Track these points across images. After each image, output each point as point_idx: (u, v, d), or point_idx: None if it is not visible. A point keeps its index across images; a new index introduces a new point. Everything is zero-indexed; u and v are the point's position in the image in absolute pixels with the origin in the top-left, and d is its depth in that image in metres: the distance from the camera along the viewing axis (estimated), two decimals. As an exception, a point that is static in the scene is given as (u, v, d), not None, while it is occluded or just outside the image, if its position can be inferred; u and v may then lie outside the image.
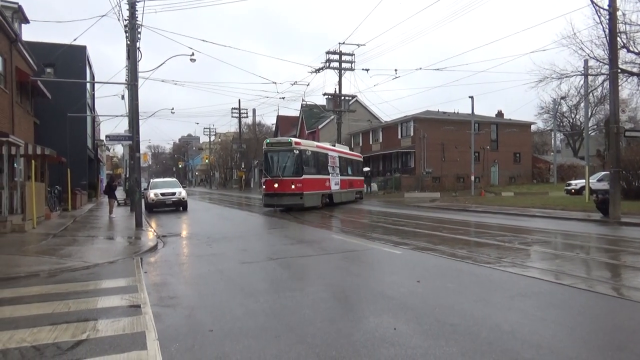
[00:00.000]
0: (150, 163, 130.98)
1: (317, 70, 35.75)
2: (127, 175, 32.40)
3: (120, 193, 33.97)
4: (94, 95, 38.71)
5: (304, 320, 5.44)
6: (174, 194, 24.50)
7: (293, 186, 21.87)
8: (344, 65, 36.43)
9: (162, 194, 24.30)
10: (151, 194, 24.31)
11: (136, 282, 7.69)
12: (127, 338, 4.92)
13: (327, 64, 36.02)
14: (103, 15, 18.14)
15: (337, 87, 37.52)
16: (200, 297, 6.68)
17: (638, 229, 14.46)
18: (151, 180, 30.86)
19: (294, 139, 23.72)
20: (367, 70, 34.97)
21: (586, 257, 9.91)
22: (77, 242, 12.48)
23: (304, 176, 22.52)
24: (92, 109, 38.61)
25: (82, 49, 31.55)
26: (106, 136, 21.31)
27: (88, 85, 34.14)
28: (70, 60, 29.02)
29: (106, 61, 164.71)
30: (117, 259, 9.98)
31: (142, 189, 21.76)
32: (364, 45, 36.31)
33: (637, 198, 23.09)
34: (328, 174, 26.03)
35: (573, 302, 6.10)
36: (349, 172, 30.94)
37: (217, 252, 10.84)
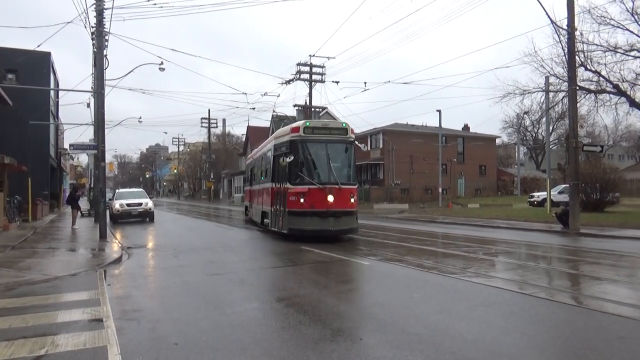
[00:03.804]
0: (116, 173, 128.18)
1: (288, 82, 35.89)
2: (92, 185, 31.57)
3: (84, 203, 33.04)
4: (58, 102, 37.67)
5: (270, 332, 5.42)
6: (140, 204, 24.01)
7: (352, 200, 14.56)
8: (314, 77, 36.70)
9: (128, 205, 23.78)
10: (116, 204, 23.77)
11: (99, 295, 7.50)
12: (88, 353, 4.79)
13: (298, 75, 36.22)
14: (69, 22, 17.72)
15: (308, 99, 37.73)
16: (165, 310, 6.56)
17: (596, 239, 15.02)
18: (117, 191, 30.18)
19: (348, 125, 15.25)
20: (337, 82, 35.23)
21: (547, 267, 10.23)
22: (37, 254, 12.05)
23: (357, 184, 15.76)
24: (56, 116, 37.52)
25: (47, 55, 30.72)
26: (70, 145, 20.71)
27: (52, 92, 33.21)
28: (34, 67, 28.18)
29: (72, 69, 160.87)
30: (79, 271, 9.69)
31: (107, 200, 21.24)
32: (333, 58, 36.63)
33: (595, 210, 24.03)
34: None
35: (534, 311, 6.28)
36: None
37: (184, 264, 10.68)
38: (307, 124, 14.88)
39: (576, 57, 18.20)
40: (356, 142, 15.47)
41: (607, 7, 29.97)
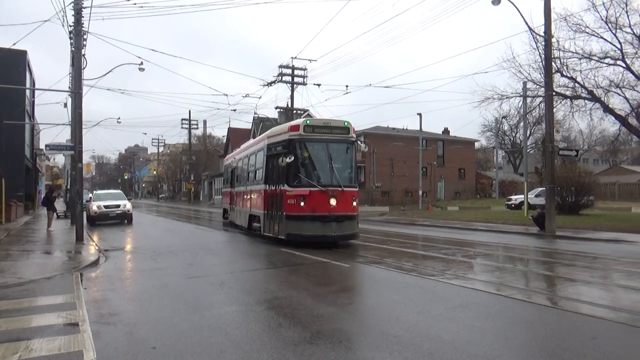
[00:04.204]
0: (93, 174, 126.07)
1: (269, 84, 35.80)
2: (69, 187, 31.00)
3: (60, 205, 32.43)
4: (34, 102, 36.91)
5: (250, 335, 5.39)
6: (118, 206, 23.66)
7: (354, 203, 13.93)
8: (296, 79, 36.70)
9: (106, 206, 23.42)
10: (94, 206, 23.38)
11: (75, 298, 7.36)
12: (63, 358, 4.71)
13: (280, 77, 36.17)
14: (46, 20, 17.37)
15: (290, 101, 37.70)
16: (143, 313, 6.48)
17: (571, 241, 15.35)
18: (94, 192, 29.72)
19: (350, 123, 14.33)
20: (319, 85, 35.32)
21: (524, 269, 10.41)
22: (11, 257, 11.77)
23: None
24: (32, 116, 36.77)
25: (23, 54, 30.12)
26: (46, 145, 20.31)
27: (28, 91, 32.55)
28: (9, 65, 27.62)
29: (49, 68, 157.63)
30: (55, 274, 9.50)
31: (85, 201, 20.85)
32: (315, 60, 36.67)
33: (571, 212, 24.55)
34: None
35: (510, 313, 6.39)
36: None
37: (163, 266, 10.55)
38: (308, 122, 13.97)
39: (552, 63, 18.59)
40: (358, 142, 14.83)
41: (583, 15, 30.65)
